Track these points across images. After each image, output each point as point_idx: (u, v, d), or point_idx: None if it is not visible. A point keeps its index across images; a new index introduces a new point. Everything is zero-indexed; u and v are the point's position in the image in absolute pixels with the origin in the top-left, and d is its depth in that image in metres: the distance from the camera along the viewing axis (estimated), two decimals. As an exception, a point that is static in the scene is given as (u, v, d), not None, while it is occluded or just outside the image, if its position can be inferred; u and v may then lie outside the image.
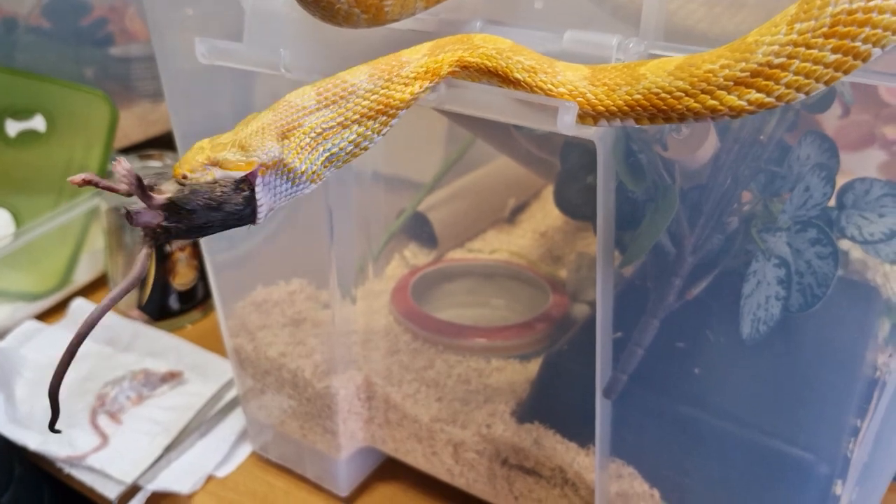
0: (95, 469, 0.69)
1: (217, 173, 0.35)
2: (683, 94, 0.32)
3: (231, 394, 0.76)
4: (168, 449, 0.70)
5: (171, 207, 0.33)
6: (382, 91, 0.36)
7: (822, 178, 0.44)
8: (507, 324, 0.67)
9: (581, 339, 0.60)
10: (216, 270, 0.65)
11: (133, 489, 0.66)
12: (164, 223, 0.33)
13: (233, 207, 0.34)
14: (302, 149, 0.36)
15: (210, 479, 0.69)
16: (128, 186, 0.32)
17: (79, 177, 0.32)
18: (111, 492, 0.67)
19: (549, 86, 0.35)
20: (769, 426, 0.49)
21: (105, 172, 0.95)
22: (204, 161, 0.35)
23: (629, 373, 0.47)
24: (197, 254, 0.86)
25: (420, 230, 0.80)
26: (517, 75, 0.35)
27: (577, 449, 0.56)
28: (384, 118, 0.37)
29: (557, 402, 0.58)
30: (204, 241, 0.65)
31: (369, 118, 0.37)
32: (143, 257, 0.34)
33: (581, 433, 0.56)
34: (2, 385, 0.76)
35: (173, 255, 0.84)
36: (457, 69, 0.36)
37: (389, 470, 0.68)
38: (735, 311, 0.47)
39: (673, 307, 0.46)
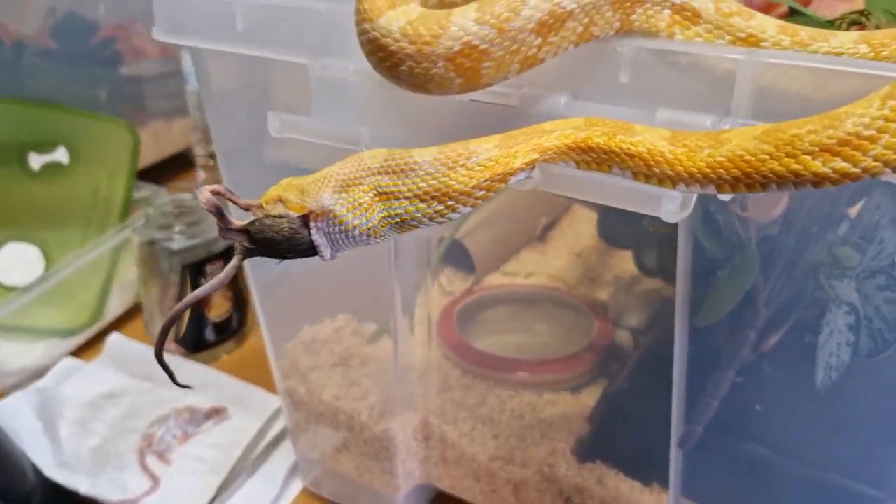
0: (149, 512, 0.69)
1: (280, 209, 0.38)
2: (768, 157, 0.32)
3: (276, 428, 0.76)
4: (220, 490, 0.70)
5: (248, 234, 0.37)
6: (442, 178, 0.37)
7: (895, 231, 0.44)
8: (556, 356, 0.67)
9: (639, 377, 0.60)
10: (266, 312, 0.65)
11: (191, 533, 0.67)
12: (247, 244, 0.37)
13: (298, 242, 0.37)
14: (359, 205, 0.37)
15: (265, 518, 0.69)
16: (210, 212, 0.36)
17: (207, 190, 0.36)
18: (168, 536, 0.67)
19: (628, 145, 0.34)
20: (838, 465, 0.50)
21: (129, 200, 0.94)
22: (275, 196, 0.38)
23: (703, 425, 0.47)
24: (231, 285, 0.86)
25: (457, 256, 0.80)
26: (596, 141, 0.35)
27: (641, 488, 0.56)
28: (439, 206, 0.37)
29: (619, 441, 0.59)
30: (253, 281, 0.64)
31: (422, 200, 0.37)
32: (231, 266, 0.38)
33: (643, 472, 0.57)
34: (46, 427, 0.76)
35: (208, 288, 0.84)
36: (534, 157, 0.36)
37: (444, 501, 0.69)
38: (805, 360, 0.48)
39: (747, 360, 0.46)
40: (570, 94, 0.38)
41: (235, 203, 0.38)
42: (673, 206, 0.33)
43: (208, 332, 0.86)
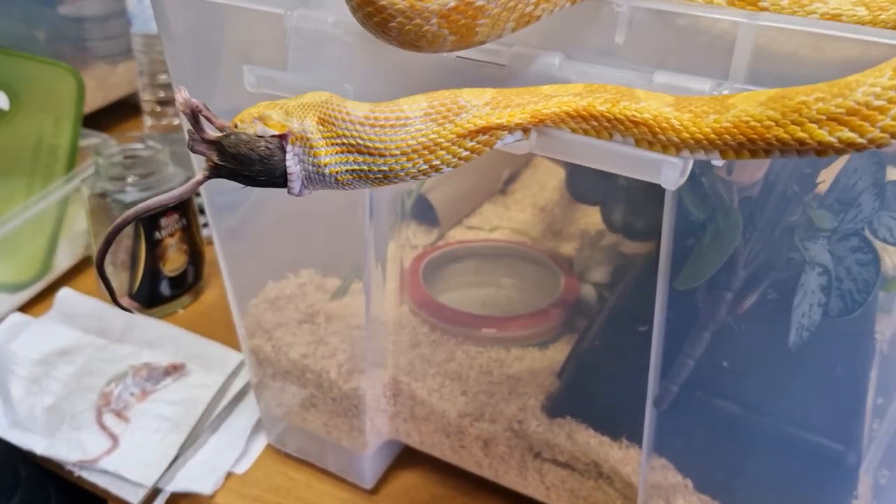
0: (109, 472, 0.67)
1: (259, 127, 0.36)
2: (773, 124, 0.31)
3: (237, 385, 0.75)
4: (182, 447, 0.69)
5: (220, 148, 0.36)
6: (431, 135, 0.35)
7: (873, 195, 0.45)
8: (523, 311, 0.67)
9: (607, 333, 0.61)
10: (229, 266, 0.63)
11: (153, 492, 0.65)
12: (216, 160, 0.36)
13: (269, 165, 0.36)
14: (332, 144, 0.36)
15: (229, 475, 0.68)
16: (184, 114, 0.35)
17: (184, 98, 0.34)
18: (130, 495, 0.66)
19: (633, 112, 0.34)
20: (805, 421, 0.51)
21: (76, 149, 0.90)
22: (254, 114, 0.37)
23: (679, 384, 0.48)
24: (186, 238, 0.83)
25: (421, 210, 0.79)
26: (598, 109, 0.34)
27: (611, 443, 0.57)
28: (423, 165, 0.36)
29: (588, 397, 0.59)
30: (215, 232, 0.62)
31: (408, 158, 0.36)
32: (194, 181, 0.36)
33: (613, 427, 0.57)
34: (-3, 386, 0.73)
35: (163, 241, 0.81)
36: (528, 121, 0.35)
37: (411, 457, 0.69)
38: (779, 319, 0.48)
39: (724, 320, 0.47)
40: (563, 54, 0.37)
41: (210, 120, 0.36)
42: (674, 174, 0.33)
43: (163, 287, 0.84)
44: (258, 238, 0.66)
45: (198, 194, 0.84)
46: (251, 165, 0.35)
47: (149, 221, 0.80)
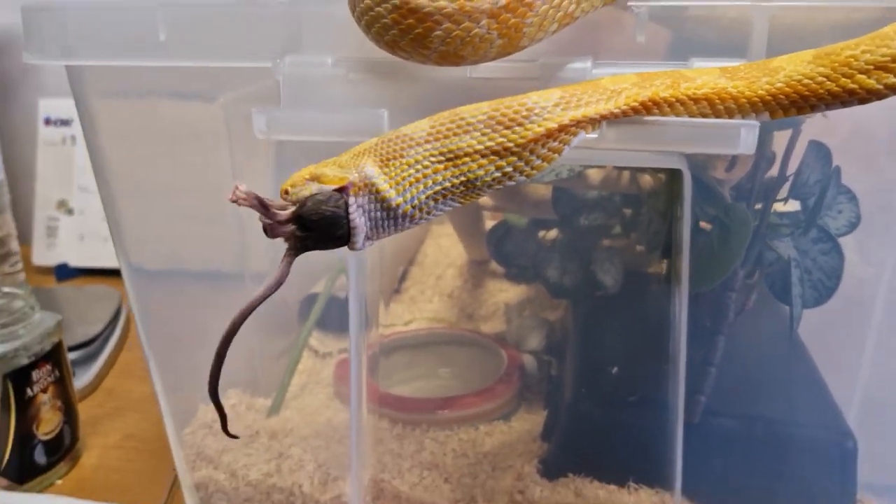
0: None
1: (314, 186, 0.34)
2: (826, 80, 0.34)
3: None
4: None
5: (300, 221, 0.34)
6: (500, 138, 0.35)
7: (823, 188, 0.49)
8: (488, 384, 0.65)
9: (585, 385, 0.60)
10: (167, 391, 0.55)
11: None
12: (298, 234, 0.34)
13: (338, 221, 0.34)
14: (402, 180, 0.34)
15: None
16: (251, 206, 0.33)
17: (237, 194, 0.33)
18: None
19: (693, 91, 0.35)
20: (802, 419, 0.53)
21: None
22: (306, 176, 0.35)
23: (707, 394, 0.48)
24: (60, 392, 0.72)
25: (331, 316, 0.75)
26: (662, 95, 0.35)
27: (619, 489, 0.55)
28: (501, 164, 0.35)
29: (584, 450, 0.57)
30: (149, 350, 0.55)
31: (483, 156, 0.35)
32: (284, 264, 0.34)
33: (617, 474, 0.56)
34: None
35: (36, 398, 0.69)
36: (601, 121, 0.35)
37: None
38: (772, 315, 0.51)
39: (732, 322, 0.48)
40: (592, 57, 0.38)
41: (268, 207, 0.33)
42: (753, 136, 0.34)
43: (38, 454, 0.71)
44: (189, 358, 0.59)
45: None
46: (338, 225, 0.34)
47: (18, 376, 0.68)
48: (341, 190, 0.34)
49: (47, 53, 0.44)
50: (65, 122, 1.12)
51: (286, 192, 0.34)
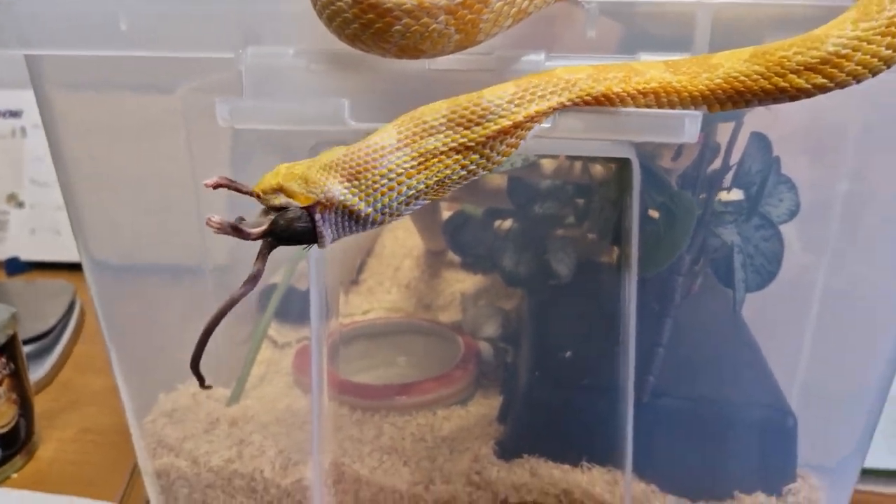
0: None
1: (282, 199, 0.36)
2: (760, 77, 0.36)
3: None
4: None
5: (273, 234, 0.35)
6: (461, 139, 0.36)
7: (764, 177, 0.52)
8: (445, 370, 0.66)
9: (539, 369, 0.62)
10: (127, 382, 0.55)
11: None
12: (271, 238, 0.35)
13: (305, 231, 0.36)
14: (373, 191, 0.36)
15: None
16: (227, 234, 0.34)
17: (213, 180, 0.35)
18: None
19: (643, 86, 0.37)
20: (747, 398, 0.56)
21: None
22: (275, 186, 0.36)
23: (655, 374, 0.50)
24: (16, 385, 0.72)
25: (288, 306, 0.76)
26: (615, 90, 0.37)
27: (572, 469, 0.57)
28: (465, 162, 0.36)
29: (538, 432, 0.59)
30: (112, 349, 0.55)
31: (448, 156, 0.36)
32: (259, 262, 0.35)
33: (570, 454, 0.58)
34: None
35: (-9, 392, 0.69)
36: (552, 108, 0.37)
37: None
38: (715, 299, 0.53)
39: (679, 305, 0.50)
40: (546, 51, 0.39)
41: (239, 191, 0.35)
42: (696, 126, 0.36)
43: (-7, 449, 0.70)
44: (149, 349, 0.59)
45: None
46: (307, 235, 0.36)
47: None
48: (308, 208, 0.35)
49: (4, 43, 0.44)
50: (14, 114, 1.10)
51: (258, 196, 0.36)
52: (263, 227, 0.35)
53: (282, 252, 0.78)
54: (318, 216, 0.35)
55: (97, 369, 0.88)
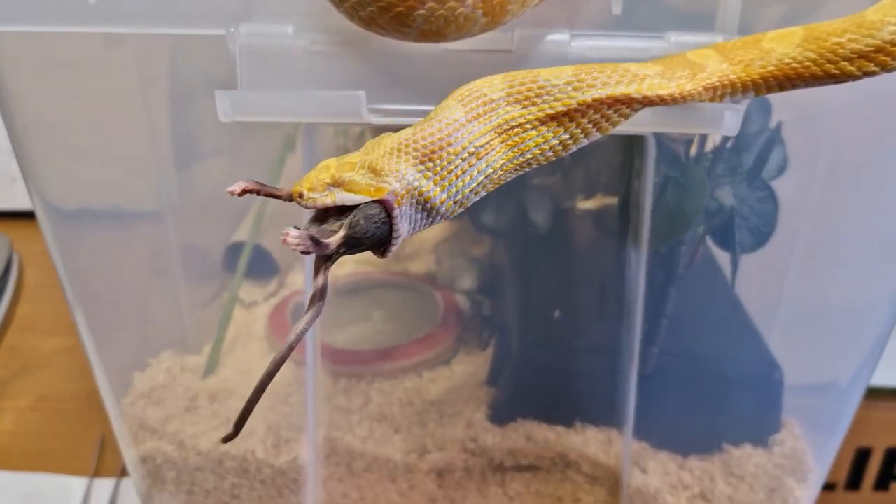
0: None
1: (338, 195, 0.31)
2: (812, 64, 0.35)
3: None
4: None
5: (349, 241, 0.31)
6: (519, 118, 0.33)
7: (762, 138, 0.51)
8: (428, 331, 0.65)
9: (528, 331, 0.61)
10: (99, 350, 0.52)
11: None
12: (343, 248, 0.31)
13: (384, 235, 0.31)
14: (448, 174, 0.32)
15: None
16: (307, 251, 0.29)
17: (239, 185, 0.30)
18: None
19: (705, 81, 0.35)
20: (739, 356, 0.56)
21: None
22: (327, 181, 0.31)
23: (659, 345, 0.49)
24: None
25: (257, 263, 0.72)
26: (688, 89, 0.34)
27: (567, 431, 0.57)
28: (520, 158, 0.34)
29: (532, 395, 0.59)
30: (78, 308, 0.51)
31: (525, 128, 0.34)
32: (322, 277, 0.31)
33: (564, 416, 0.58)
34: None
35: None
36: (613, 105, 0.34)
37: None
38: (713, 265, 0.53)
39: (682, 275, 0.50)
40: (571, 32, 0.37)
41: (275, 195, 0.31)
42: (737, 119, 0.34)
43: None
44: (117, 309, 0.55)
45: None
46: (384, 237, 0.31)
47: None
48: (382, 201, 0.31)
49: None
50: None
51: (301, 196, 0.31)
52: (342, 234, 0.30)
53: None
54: (396, 211, 0.31)
55: (45, 329, 0.83)
